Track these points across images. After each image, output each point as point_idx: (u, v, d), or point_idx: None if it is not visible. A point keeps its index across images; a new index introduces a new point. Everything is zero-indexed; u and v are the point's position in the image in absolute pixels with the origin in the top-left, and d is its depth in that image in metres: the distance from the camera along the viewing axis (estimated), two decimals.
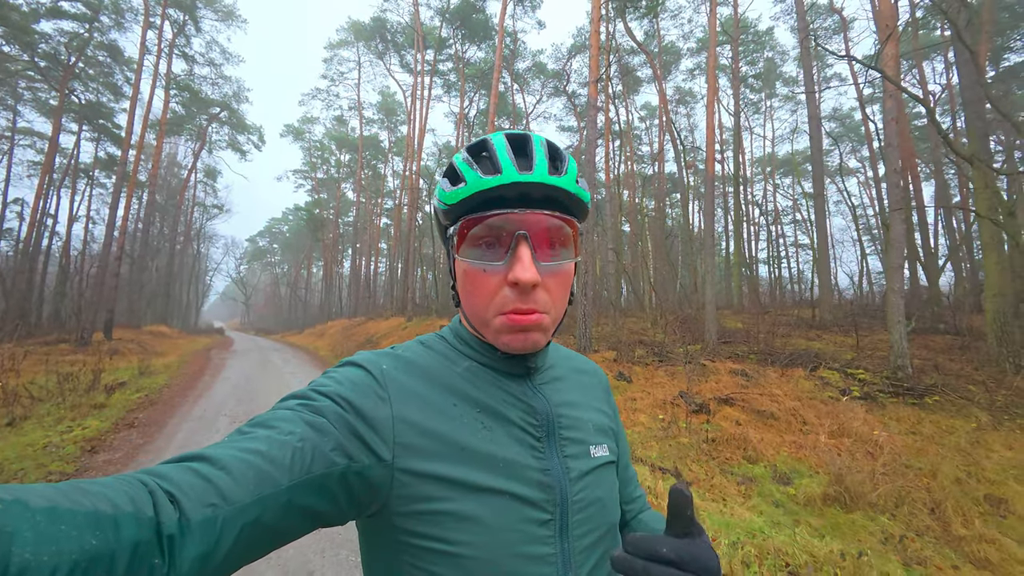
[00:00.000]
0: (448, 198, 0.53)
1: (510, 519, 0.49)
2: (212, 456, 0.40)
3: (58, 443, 4.19)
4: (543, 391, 0.59)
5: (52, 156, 19.14)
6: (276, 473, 0.40)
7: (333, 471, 0.44)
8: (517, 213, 0.51)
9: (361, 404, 0.48)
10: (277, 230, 52.43)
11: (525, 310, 0.51)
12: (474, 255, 0.53)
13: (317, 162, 33.68)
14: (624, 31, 15.07)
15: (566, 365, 0.67)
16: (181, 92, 21.68)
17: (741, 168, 26.52)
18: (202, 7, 20.23)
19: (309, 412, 0.46)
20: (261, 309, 65.68)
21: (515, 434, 0.54)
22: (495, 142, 0.54)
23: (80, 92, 20.88)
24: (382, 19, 22.39)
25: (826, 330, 11.18)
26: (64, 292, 20.94)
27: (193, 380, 8.51)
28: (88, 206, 24.78)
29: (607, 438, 0.63)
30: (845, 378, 6.90)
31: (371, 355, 0.56)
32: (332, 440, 0.45)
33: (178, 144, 29.36)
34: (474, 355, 0.58)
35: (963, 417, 5.49)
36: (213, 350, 16.24)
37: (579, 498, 0.54)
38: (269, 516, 0.40)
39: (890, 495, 3.47)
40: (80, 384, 6.15)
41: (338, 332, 20.44)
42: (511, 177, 0.50)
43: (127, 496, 0.33)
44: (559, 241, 0.54)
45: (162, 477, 0.37)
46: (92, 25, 18.68)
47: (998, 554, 2.78)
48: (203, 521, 0.35)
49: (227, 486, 0.38)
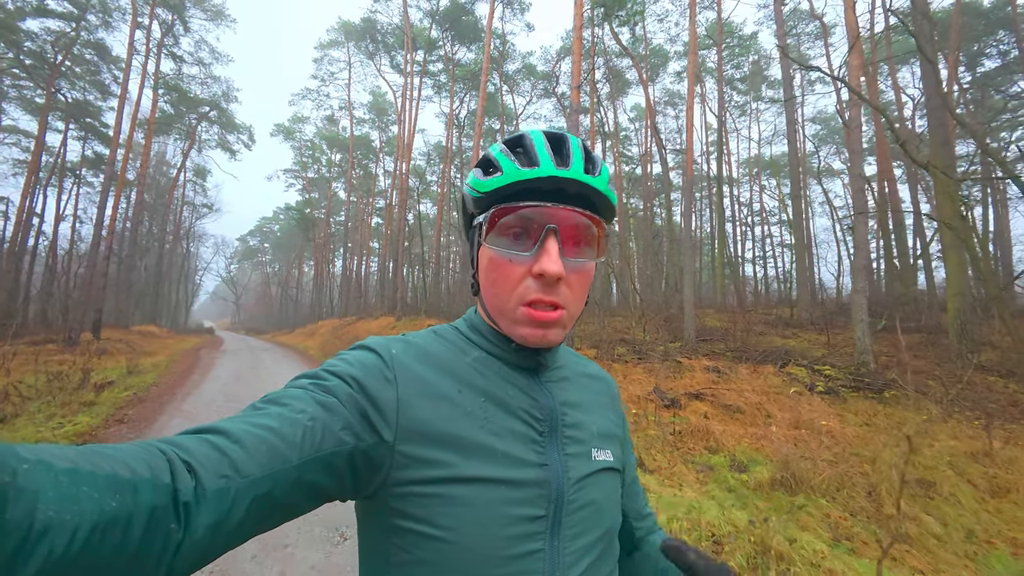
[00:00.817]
0: (482, 186, 0.55)
1: (501, 510, 0.49)
2: (227, 429, 0.41)
3: (50, 438, 4.37)
4: (550, 388, 0.60)
5: (38, 155, 19.03)
6: (287, 450, 0.42)
7: (342, 450, 0.45)
8: (550, 207, 0.53)
9: (369, 385, 0.50)
10: (268, 229, 52.22)
11: (548, 302, 0.52)
12: (502, 244, 0.54)
13: (308, 161, 33.68)
14: (611, 36, 15.31)
15: (576, 368, 0.67)
16: (169, 92, 21.63)
17: (727, 170, 26.97)
18: (191, 6, 20.22)
19: (320, 391, 0.48)
20: (252, 308, 65.32)
21: (517, 427, 0.54)
22: (534, 137, 0.56)
23: (67, 90, 20.76)
24: (372, 20, 22.51)
25: (802, 328, 11.56)
26: (51, 292, 20.82)
27: (182, 379, 8.66)
28: (75, 205, 24.60)
29: (611, 445, 0.62)
30: (812, 374, 7.23)
31: (382, 339, 0.57)
32: (341, 419, 0.46)
33: (167, 143, 29.22)
34: (486, 345, 0.59)
35: (916, 410, 5.82)
36: (203, 349, 16.30)
37: (575, 498, 0.54)
38: (279, 491, 0.41)
39: (832, 480, 3.76)
40: (70, 383, 6.29)
41: (328, 332, 20.56)
42: (548, 171, 0.52)
43: (145, 462, 0.34)
44: (586, 239, 0.56)
45: (180, 447, 0.38)
46: (79, 24, 18.61)
47: (917, 530, 3.07)
48: (217, 491, 0.37)
49: (241, 459, 0.39)
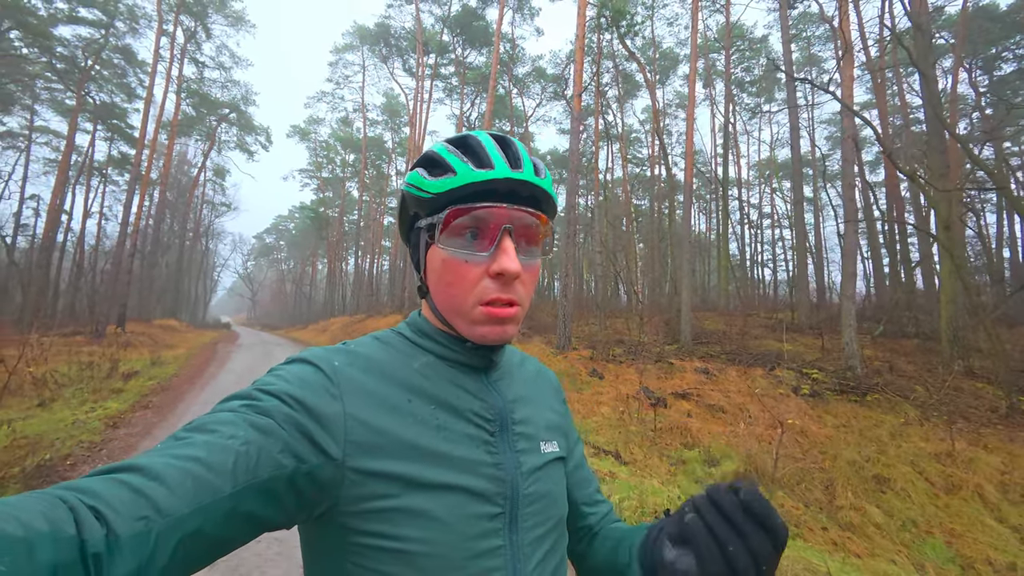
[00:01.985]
0: (432, 187, 0.54)
1: (462, 513, 0.49)
2: (143, 466, 0.37)
3: (84, 420, 4.85)
4: (498, 387, 0.60)
5: (68, 154, 19.98)
6: (217, 480, 0.39)
7: (281, 474, 0.43)
8: (505, 207, 0.53)
9: (311, 402, 0.47)
10: (283, 227, 53.37)
11: (506, 300, 0.53)
12: (456, 244, 0.54)
13: (323, 162, 34.45)
14: (619, 41, 15.54)
15: (519, 365, 0.69)
16: (192, 96, 22.46)
17: (737, 173, 26.91)
18: (212, 13, 20.97)
19: (254, 413, 0.45)
20: (267, 304, 66.78)
21: (469, 430, 0.54)
22: (483, 139, 0.56)
23: (95, 93, 21.70)
24: (386, 25, 23.04)
25: (801, 332, 11.67)
26: (78, 287, 21.83)
27: (200, 370, 9.20)
28: (101, 203, 25.67)
29: (557, 435, 0.64)
30: (800, 377, 7.44)
31: (321, 351, 0.55)
32: (279, 441, 0.44)
33: (188, 144, 30.21)
34: (434, 348, 0.59)
35: (895, 413, 6.03)
36: (220, 344, 16.98)
37: (530, 492, 0.55)
38: (210, 526, 0.38)
39: (793, 474, 4.04)
40: (100, 371, 6.83)
41: (339, 328, 21.15)
42: (504, 173, 0.53)
43: (41, 514, 0.30)
44: (535, 238, 0.57)
45: (84, 492, 0.34)
46: (108, 30, 19.47)
47: (860, 519, 3.35)
48: (134, 536, 0.33)
49: (161, 497, 0.35)
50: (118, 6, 18.98)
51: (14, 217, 22.51)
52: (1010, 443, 5.12)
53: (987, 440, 5.19)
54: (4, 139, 24.08)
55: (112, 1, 18.81)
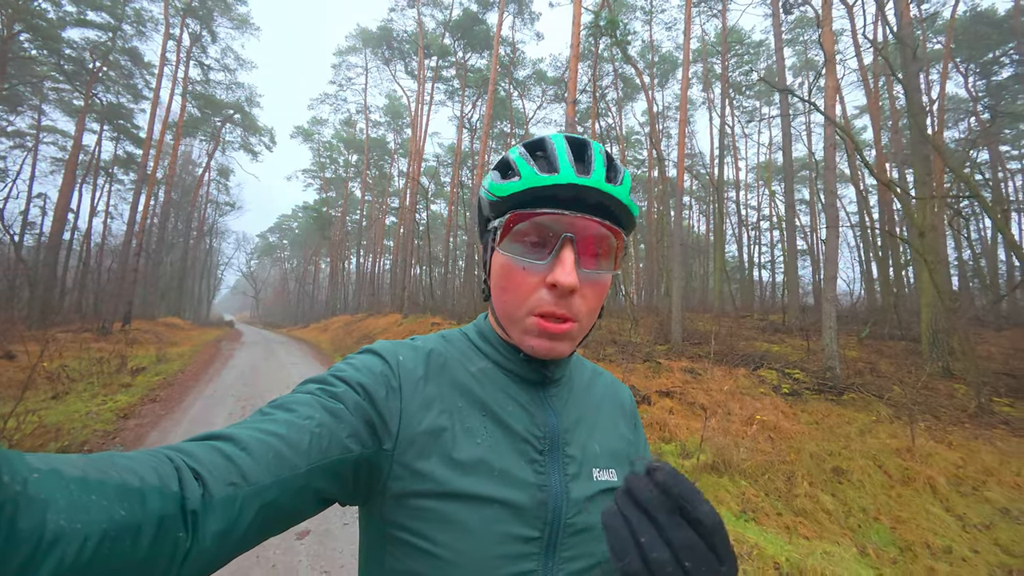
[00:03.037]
0: (498, 190, 0.53)
1: (496, 529, 0.48)
2: (235, 436, 0.41)
3: (97, 412, 5.17)
4: (554, 404, 0.58)
5: (76, 154, 20.41)
6: (294, 457, 0.42)
7: (348, 457, 0.46)
8: (568, 215, 0.51)
9: (375, 392, 0.50)
10: (287, 226, 53.81)
11: (559, 315, 0.51)
12: (516, 250, 0.53)
13: (326, 162, 34.84)
14: (615, 47, 15.80)
15: (587, 380, 0.65)
16: (197, 100, 22.85)
17: (735, 175, 27.12)
18: (218, 16, 21.34)
19: (327, 397, 0.47)
20: (270, 303, 67.28)
21: (517, 444, 0.53)
22: (555, 141, 0.54)
23: (102, 94, 22.11)
24: (388, 28, 23.37)
25: (789, 334, 11.93)
26: (85, 284, 22.25)
27: (205, 367, 9.53)
28: (107, 202, 26.10)
29: (617, 463, 0.60)
30: (781, 377, 7.71)
31: (390, 344, 0.56)
32: (348, 426, 0.46)
33: (193, 144, 30.62)
34: (493, 355, 0.58)
35: (868, 411, 6.29)
36: (223, 341, 17.33)
37: (573, 521, 0.52)
38: (285, 498, 0.41)
39: (759, 466, 4.32)
40: (109, 367, 7.16)
41: (340, 327, 21.49)
42: (568, 178, 0.50)
43: (154, 470, 0.34)
44: (603, 251, 0.54)
45: (187, 454, 0.38)
46: (115, 33, 19.86)
47: (813, 505, 3.63)
48: (225, 499, 0.37)
49: (248, 466, 0.39)
50: (125, 10, 19.38)
51: (21, 215, 22.91)
52: (973, 440, 5.38)
53: (952, 437, 5.45)
54: (12, 138, 24.48)
55: (120, 5, 19.20)
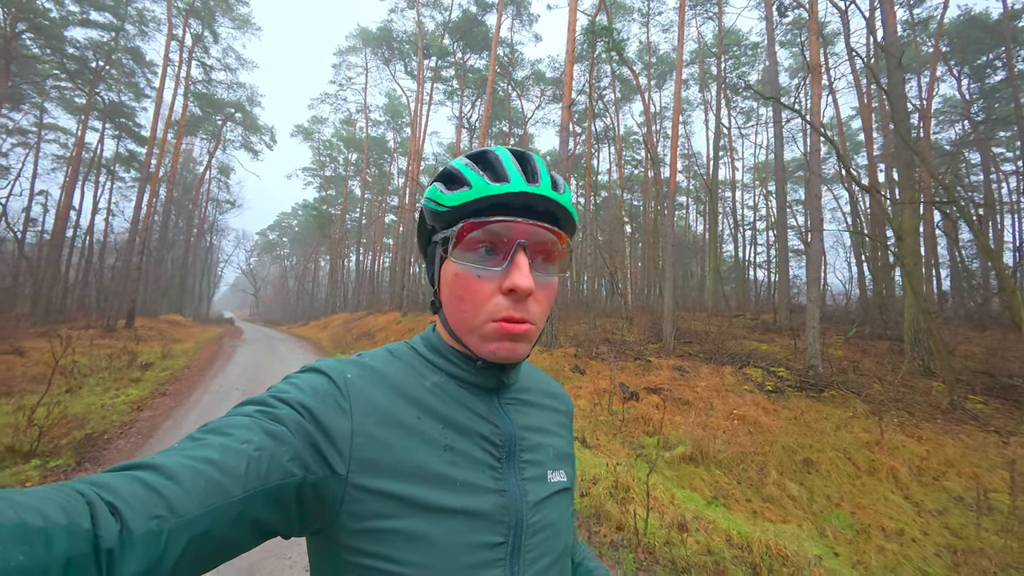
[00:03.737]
0: (448, 200, 0.54)
1: (462, 539, 0.48)
2: (160, 464, 0.38)
3: (112, 404, 5.45)
4: (508, 411, 0.59)
5: (80, 152, 20.65)
6: (229, 483, 0.39)
7: (289, 482, 0.43)
8: (520, 222, 0.52)
9: (321, 413, 0.47)
10: (287, 224, 54.01)
11: (518, 318, 0.52)
12: (469, 259, 0.53)
13: (326, 160, 35.05)
14: (611, 51, 16.05)
15: (534, 386, 0.66)
16: (199, 100, 23.08)
17: (731, 175, 27.38)
18: (220, 16, 21.55)
19: (268, 420, 0.45)
20: (270, 300, 67.49)
21: (476, 454, 0.53)
22: (500, 153, 0.56)
23: (104, 92, 22.32)
24: (388, 28, 23.57)
25: (779, 333, 12.21)
26: (88, 281, 22.51)
27: (209, 363, 9.81)
28: (109, 199, 26.33)
29: (565, 464, 0.62)
30: (766, 375, 8.00)
31: (335, 362, 0.54)
32: (290, 450, 0.44)
33: (194, 142, 30.82)
34: (446, 366, 0.58)
35: (845, 408, 6.58)
36: (225, 339, 17.61)
37: (534, 521, 0.53)
38: (219, 528, 0.38)
39: (735, 457, 4.61)
40: (120, 362, 7.44)
41: (340, 325, 21.76)
42: (519, 187, 0.52)
43: (60, 507, 0.31)
44: (552, 255, 0.56)
45: (103, 487, 0.35)
46: (118, 33, 20.06)
47: (780, 493, 3.92)
48: (147, 534, 0.34)
49: (175, 497, 0.36)
50: (128, 10, 19.58)
51: (24, 213, 23.12)
52: (942, 435, 5.68)
53: (923, 432, 5.75)
54: (15, 135, 24.65)
55: (122, 5, 19.40)
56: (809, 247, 7.87)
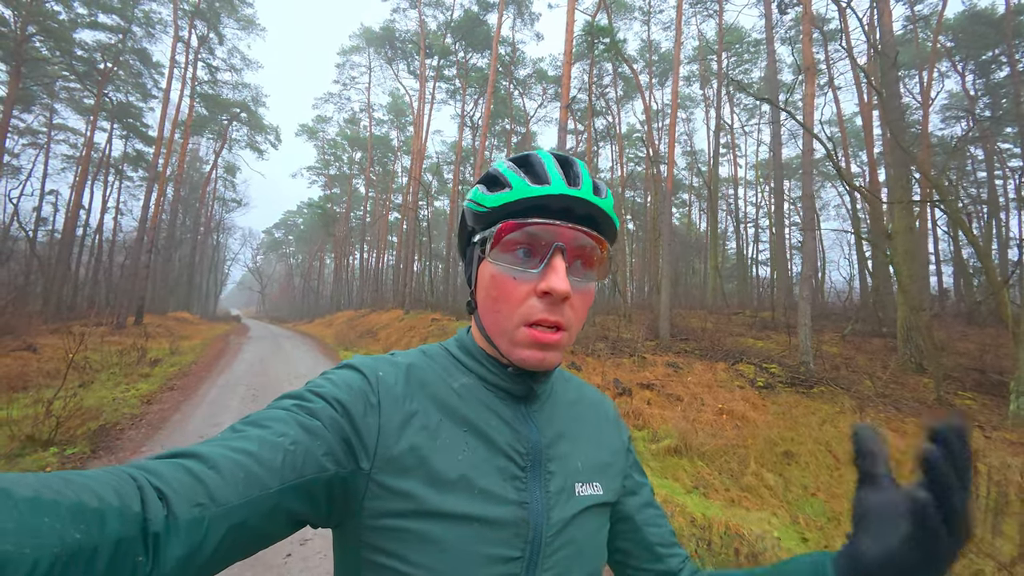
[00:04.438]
0: (489, 201, 0.54)
1: (475, 549, 0.47)
2: (204, 454, 0.40)
3: (123, 398, 5.71)
4: (536, 419, 0.57)
5: (89, 153, 21.04)
6: (266, 476, 0.40)
7: (322, 476, 0.44)
8: (559, 225, 0.52)
9: (354, 409, 0.48)
10: (292, 223, 54.50)
11: (552, 322, 0.51)
12: (506, 260, 0.53)
13: (330, 159, 35.37)
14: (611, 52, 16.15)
15: (569, 393, 0.65)
16: (205, 101, 23.41)
17: (733, 172, 27.35)
18: (224, 18, 21.83)
19: (304, 414, 0.46)
20: (276, 298, 68.10)
21: (499, 461, 0.52)
22: (543, 156, 0.56)
23: (112, 93, 22.70)
24: (391, 28, 23.76)
25: (777, 330, 12.33)
26: (98, 280, 22.95)
27: (216, 359, 10.09)
28: (117, 198, 26.78)
29: (602, 476, 0.59)
30: (758, 371, 8.14)
31: (370, 360, 0.56)
32: (324, 444, 0.45)
33: (200, 142, 31.20)
34: (477, 369, 0.58)
35: (833, 403, 6.72)
36: (231, 336, 17.94)
37: (554, 539, 0.51)
38: (256, 519, 0.40)
39: (718, 450, 4.78)
40: (130, 358, 7.71)
41: (344, 322, 22.06)
42: (560, 189, 0.52)
43: (114, 490, 0.32)
44: (591, 260, 0.55)
45: (152, 473, 0.36)
46: (126, 35, 20.39)
47: (757, 483, 4.09)
48: (190, 520, 0.35)
49: (217, 486, 0.38)
50: (135, 12, 19.89)
51: (34, 212, 23.55)
52: None
53: (907, 427, 5.89)
54: (25, 136, 25.08)
55: (129, 7, 19.71)
56: (802, 246, 7.98)
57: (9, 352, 8.21)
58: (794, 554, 2.45)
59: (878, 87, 7.86)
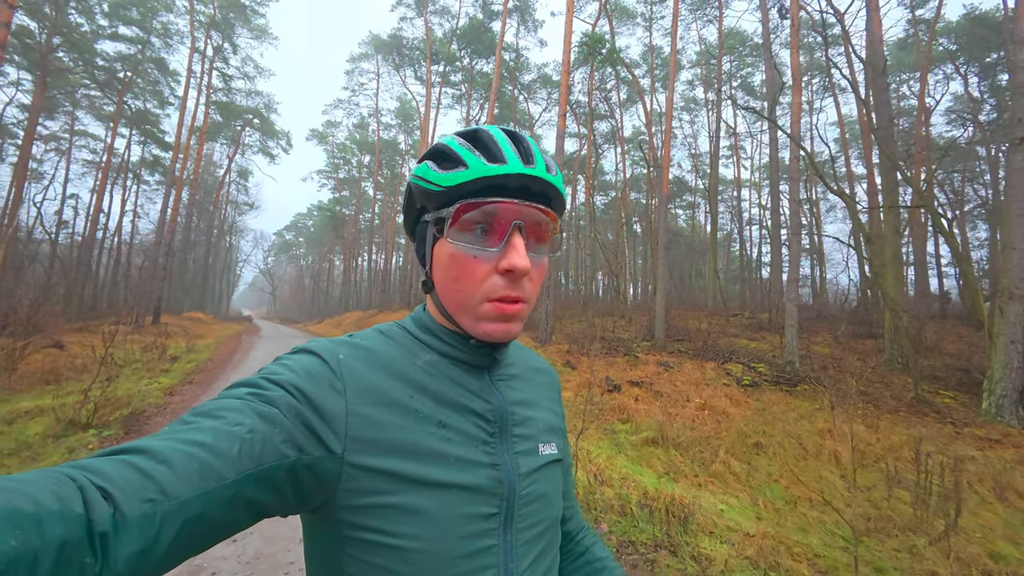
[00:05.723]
0: (442, 180, 0.53)
1: (456, 512, 0.49)
2: (150, 448, 0.38)
3: (146, 390, 6.22)
4: (499, 387, 0.60)
5: (110, 158, 21.89)
6: (222, 466, 0.40)
7: (283, 463, 0.44)
8: (516, 203, 0.53)
9: (315, 395, 0.48)
10: (302, 225, 55.47)
11: (514, 297, 0.53)
12: (465, 239, 0.53)
13: (339, 163, 36.12)
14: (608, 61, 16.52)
15: (522, 363, 0.68)
16: (221, 110, 24.22)
17: (736, 174, 27.50)
18: (239, 28, 22.58)
19: (260, 402, 0.45)
20: (286, 299, 69.24)
21: (469, 429, 0.54)
22: (494, 133, 0.56)
23: (131, 100, 23.57)
24: (399, 36, 24.36)
25: (771, 331, 12.58)
26: (116, 281, 23.80)
27: (229, 356, 10.63)
28: (135, 202, 27.70)
29: (556, 437, 0.64)
30: (746, 370, 8.45)
31: (327, 343, 0.55)
32: (283, 431, 0.45)
33: (214, 147, 32.10)
34: (438, 346, 0.59)
35: (814, 400, 7.02)
36: (243, 335, 18.57)
37: (526, 493, 0.55)
38: (214, 510, 0.39)
39: (693, 440, 5.13)
40: (152, 355, 8.25)
41: (353, 323, 22.62)
42: (516, 168, 0.53)
43: (51, 493, 0.32)
44: (544, 235, 0.57)
45: (94, 472, 0.35)
46: (144, 46, 21.22)
47: (724, 469, 4.44)
48: (140, 517, 0.34)
49: (167, 480, 0.37)
50: (154, 24, 20.70)
51: (56, 215, 24.48)
52: (898, 425, 6.11)
53: (881, 423, 6.18)
54: (48, 142, 26.03)
55: (148, 19, 20.52)
56: (789, 250, 8.29)
57: (39, 349, 8.80)
58: (733, 521, 2.95)
59: (865, 97, 8.14)
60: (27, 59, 18.03)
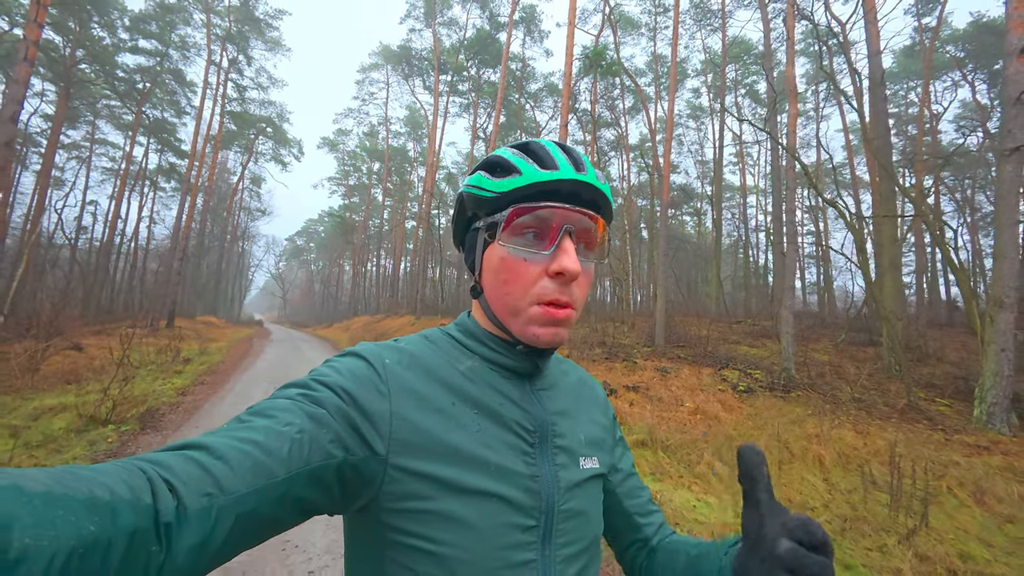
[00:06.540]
0: (497, 187, 0.55)
1: (496, 522, 0.49)
2: (210, 445, 0.40)
3: (161, 390, 6.54)
4: (540, 397, 0.60)
5: (127, 166, 22.63)
6: (273, 464, 0.41)
7: (330, 463, 0.45)
8: (568, 208, 0.54)
9: (361, 397, 0.49)
10: (313, 231, 56.36)
11: (564, 302, 0.54)
12: (518, 243, 0.55)
13: (349, 170, 36.80)
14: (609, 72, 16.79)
15: (565, 374, 0.68)
16: (235, 120, 24.96)
17: (742, 180, 27.53)
18: (253, 40, 23.30)
19: (309, 403, 0.47)
20: (297, 303, 70.16)
21: (509, 439, 0.54)
22: (546, 144, 0.58)
23: (149, 110, 24.39)
24: (408, 47, 24.92)
25: (772, 338, 12.63)
26: (132, 285, 24.48)
27: (240, 359, 10.99)
28: (152, 208, 28.53)
29: (598, 451, 0.63)
30: (742, 376, 8.57)
31: (374, 347, 0.56)
32: (331, 432, 0.46)
33: (228, 155, 32.93)
34: (481, 351, 0.59)
35: (807, 406, 7.13)
36: (254, 338, 19.01)
37: (565, 508, 0.55)
38: (265, 507, 0.40)
39: (681, 443, 5.30)
40: (166, 357, 8.61)
41: (360, 327, 23.00)
42: (568, 174, 0.54)
43: (124, 483, 0.33)
44: (592, 242, 0.58)
45: (160, 465, 0.37)
46: (163, 58, 22.00)
47: (707, 471, 4.61)
48: (200, 510, 0.36)
49: (224, 475, 0.38)
50: (172, 37, 21.47)
51: (76, 221, 25.26)
52: (889, 431, 6.20)
53: (871, 428, 6.28)
54: (69, 151, 26.92)
55: (167, 32, 21.28)
56: (785, 258, 8.43)
57: (60, 351, 9.22)
58: (703, 516, 3.23)
59: (860, 110, 8.28)
60: (51, 71, 18.80)
